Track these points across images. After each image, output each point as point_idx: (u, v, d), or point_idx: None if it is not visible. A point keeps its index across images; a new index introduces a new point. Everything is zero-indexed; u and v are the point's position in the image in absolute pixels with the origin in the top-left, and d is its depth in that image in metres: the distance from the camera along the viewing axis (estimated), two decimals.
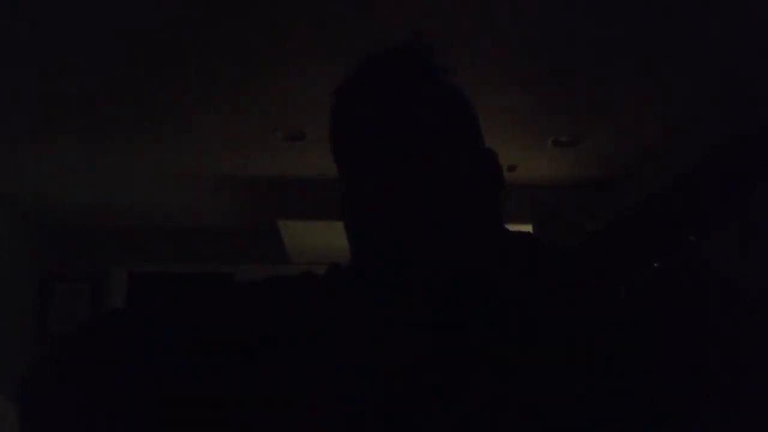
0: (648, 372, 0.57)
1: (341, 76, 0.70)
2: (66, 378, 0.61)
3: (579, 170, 3.45)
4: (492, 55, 2.45)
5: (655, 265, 0.56)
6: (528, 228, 3.43)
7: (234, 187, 3.67)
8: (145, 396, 0.58)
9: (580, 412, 0.55)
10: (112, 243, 4.19)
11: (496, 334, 0.56)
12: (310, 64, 2.47)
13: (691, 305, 0.59)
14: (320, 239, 3.67)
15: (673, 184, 0.55)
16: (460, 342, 0.56)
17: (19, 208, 3.83)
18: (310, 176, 3.38)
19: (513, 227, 0.72)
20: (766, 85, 2.28)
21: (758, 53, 2.30)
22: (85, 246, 4.18)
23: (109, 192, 3.73)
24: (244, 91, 2.70)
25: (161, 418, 0.58)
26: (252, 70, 2.55)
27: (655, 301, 0.59)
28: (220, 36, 2.34)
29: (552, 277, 0.57)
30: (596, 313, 0.57)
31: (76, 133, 3.04)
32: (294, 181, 3.51)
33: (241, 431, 0.58)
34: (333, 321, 0.61)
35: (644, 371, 0.57)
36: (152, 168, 3.43)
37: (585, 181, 3.56)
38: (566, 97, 2.77)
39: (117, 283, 4.18)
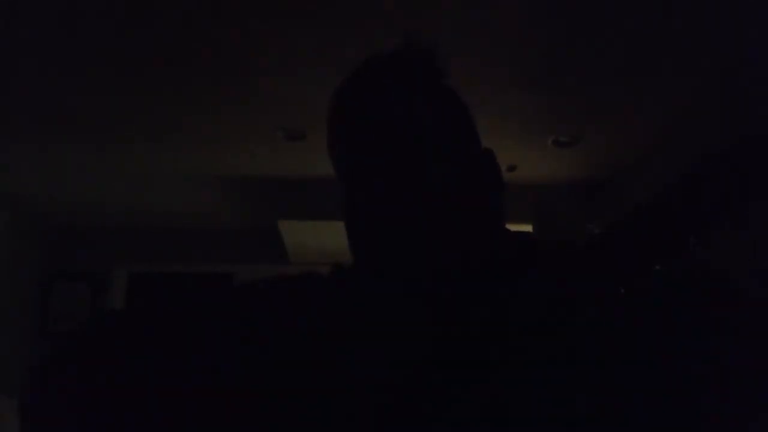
0: (648, 377, 0.56)
1: (341, 76, 0.70)
2: (67, 381, 0.61)
3: (579, 170, 3.45)
4: (492, 55, 2.45)
5: (656, 267, 0.56)
6: (528, 228, 3.44)
7: (234, 187, 3.67)
8: (146, 399, 0.58)
9: (580, 417, 0.55)
10: (112, 243, 4.19)
11: (497, 336, 0.56)
12: (310, 64, 2.47)
13: (692, 308, 0.59)
14: (320, 239, 3.67)
15: (674, 185, 0.55)
16: (461, 345, 0.56)
17: (19, 208, 3.83)
18: (310, 176, 3.38)
19: (513, 227, 0.72)
20: (766, 85, 2.28)
21: (759, 53, 2.30)
22: (85, 246, 4.18)
23: (110, 192, 3.73)
24: (244, 91, 2.70)
25: (161, 420, 0.58)
26: (252, 70, 2.55)
27: (655, 303, 0.59)
28: (220, 36, 2.34)
29: (552, 278, 0.57)
30: (596, 315, 0.57)
31: (76, 133, 3.04)
32: (294, 181, 3.51)
33: (244, 429, 0.58)
34: (333, 322, 0.61)
35: (644, 376, 0.56)
36: (152, 168, 3.43)
37: (585, 181, 3.57)
38: (566, 97, 2.77)
39: (117, 283, 4.18)
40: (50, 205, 3.88)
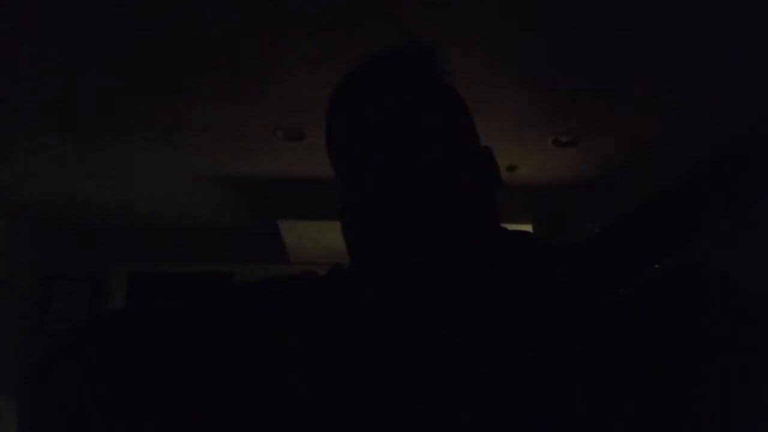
0: (648, 374, 0.56)
1: (341, 76, 0.70)
2: (65, 380, 0.61)
3: (579, 170, 3.45)
4: (492, 54, 2.45)
5: (656, 266, 0.56)
6: (528, 228, 3.44)
7: (234, 187, 3.67)
8: (145, 399, 0.58)
9: (580, 414, 0.55)
10: (112, 243, 4.20)
11: (496, 334, 0.56)
12: (310, 64, 2.48)
13: (691, 306, 0.59)
14: (320, 239, 3.67)
15: (674, 185, 0.55)
16: (460, 343, 0.56)
17: (19, 208, 3.83)
18: (310, 176, 3.38)
19: (513, 227, 0.72)
20: (766, 85, 2.28)
21: (758, 53, 2.30)
22: (85, 246, 4.18)
23: (109, 192, 3.73)
24: (244, 91, 2.70)
25: (160, 419, 0.58)
26: (252, 70, 2.55)
27: (655, 301, 0.59)
28: (220, 36, 2.34)
29: (551, 275, 0.57)
30: (595, 313, 0.57)
31: (77, 133, 3.04)
32: (294, 181, 3.52)
33: (243, 428, 0.57)
34: (333, 321, 0.61)
35: (644, 373, 0.56)
36: (152, 168, 3.43)
37: (585, 181, 3.57)
38: (566, 97, 2.77)
39: (117, 283, 4.18)
40: (50, 205, 3.88)
